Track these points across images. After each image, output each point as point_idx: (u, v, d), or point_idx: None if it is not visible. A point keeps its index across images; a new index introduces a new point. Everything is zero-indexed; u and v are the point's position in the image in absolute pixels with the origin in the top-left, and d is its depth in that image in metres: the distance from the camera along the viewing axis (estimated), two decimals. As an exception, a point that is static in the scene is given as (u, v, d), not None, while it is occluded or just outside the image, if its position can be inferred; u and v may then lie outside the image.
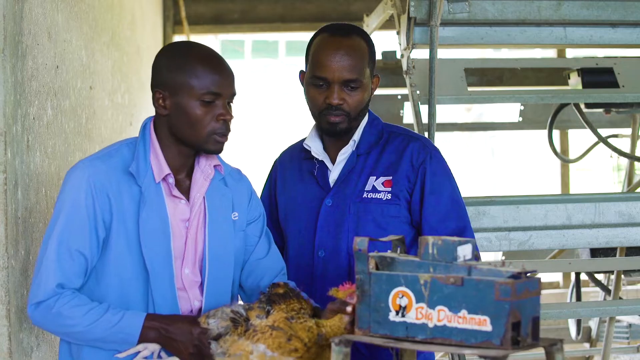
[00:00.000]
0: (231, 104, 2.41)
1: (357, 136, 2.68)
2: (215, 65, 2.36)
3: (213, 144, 2.37)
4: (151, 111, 2.48)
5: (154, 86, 2.39)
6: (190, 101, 2.33)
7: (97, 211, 2.30)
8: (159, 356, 2.31)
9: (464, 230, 2.62)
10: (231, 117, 2.38)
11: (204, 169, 2.44)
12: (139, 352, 2.29)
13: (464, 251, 2.06)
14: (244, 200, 2.53)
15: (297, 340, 2.20)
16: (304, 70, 2.70)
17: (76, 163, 2.37)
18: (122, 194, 2.33)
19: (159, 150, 2.38)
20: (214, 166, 2.45)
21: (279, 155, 2.90)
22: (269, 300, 2.27)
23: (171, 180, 2.38)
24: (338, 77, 2.57)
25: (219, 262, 2.42)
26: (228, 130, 2.38)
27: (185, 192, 2.42)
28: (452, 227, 2.60)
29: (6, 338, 2.49)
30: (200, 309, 2.40)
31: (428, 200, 2.61)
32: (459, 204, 2.66)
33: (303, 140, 2.79)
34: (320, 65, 2.59)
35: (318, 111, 2.63)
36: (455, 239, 2.08)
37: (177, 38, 7.87)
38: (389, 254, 2.15)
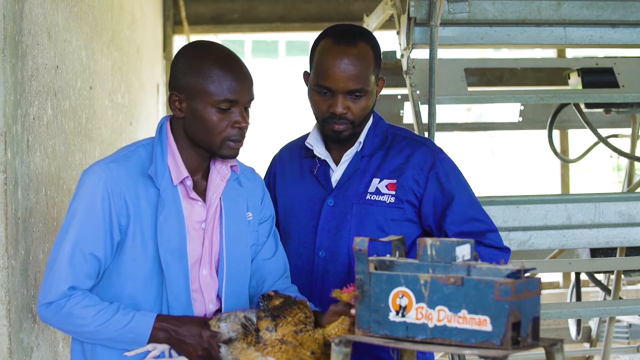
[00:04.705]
0: (248, 108, 2.38)
1: (361, 137, 2.67)
2: (233, 71, 2.32)
3: (227, 149, 2.35)
4: (151, 111, 2.48)
5: (171, 88, 2.36)
6: (206, 107, 2.31)
7: (113, 215, 2.29)
8: (170, 355, 2.31)
9: (489, 225, 2.62)
10: (247, 124, 2.35)
11: (220, 170, 2.42)
12: (148, 351, 2.30)
13: (463, 251, 2.06)
14: (257, 200, 2.53)
15: (305, 352, 2.22)
16: (308, 71, 2.68)
17: (92, 165, 2.36)
18: (139, 196, 2.32)
19: (176, 152, 2.37)
20: (231, 166, 2.44)
21: (278, 151, 2.88)
22: (273, 316, 2.27)
23: (189, 182, 2.37)
24: (342, 87, 2.55)
25: (235, 263, 2.42)
26: (243, 136, 2.36)
27: (201, 193, 2.41)
28: (479, 226, 2.60)
29: (6, 338, 2.49)
30: (214, 313, 2.39)
31: (448, 204, 2.60)
32: (477, 201, 2.65)
33: (303, 137, 2.78)
34: (325, 75, 2.56)
35: (322, 118, 2.61)
36: (454, 239, 2.08)
37: (177, 38, 7.88)
38: (387, 257, 2.15)
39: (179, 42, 7.89)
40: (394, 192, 2.62)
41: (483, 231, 2.60)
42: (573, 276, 5.19)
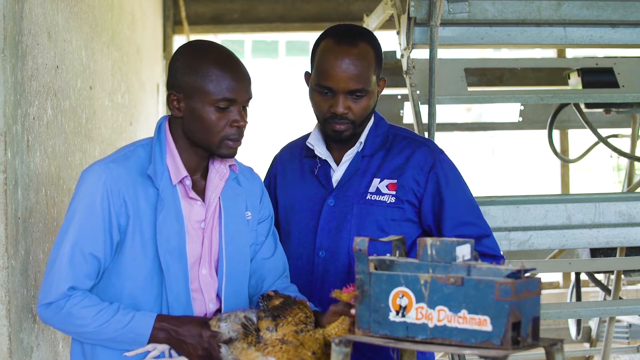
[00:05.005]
0: (247, 107, 2.39)
1: (362, 137, 2.67)
2: (231, 70, 2.33)
3: (226, 148, 2.35)
4: (151, 111, 2.48)
5: (169, 88, 2.37)
6: (204, 106, 2.31)
7: (112, 215, 2.29)
8: (170, 355, 2.31)
9: (485, 230, 2.63)
10: (245, 123, 2.36)
11: (219, 169, 2.43)
12: (148, 351, 2.30)
13: (463, 251, 2.06)
14: (256, 199, 2.53)
15: (306, 352, 2.22)
16: (309, 71, 2.68)
17: (91, 165, 2.36)
18: (138, 196, 2.32)
19: (175, 151, 2.37)
20: (229, 166, 2.44)
21: (278, 151, 2.88)
22: (273, 316, 2.27)
23: (188, 182, 2.37)
24: (343, 88, 2.55)
25: (235, 263, 2.42)
26: (241, 135, 2.36)
27: (200, 192, 2.41)
28: (474, 230, 2.60)
29: (6, 338, 2.49)
30: (214, 312, 2.39)
31: (445, 206, 2.60)
32: (474, 205, 2.66)
33: (304, 137, 2.78)
34: (326, 75, 2.56)
35: (323, 118, 2.62)
36: (454, 239, 2.08)
37: (177, 38, 7.88)
38: (387, 257, 2.15)
39: (179, 42, 7.89)
40: (394, 192, 2.62)
41: (479, 236, 2.60)
42: (573, 276, 5.19)
